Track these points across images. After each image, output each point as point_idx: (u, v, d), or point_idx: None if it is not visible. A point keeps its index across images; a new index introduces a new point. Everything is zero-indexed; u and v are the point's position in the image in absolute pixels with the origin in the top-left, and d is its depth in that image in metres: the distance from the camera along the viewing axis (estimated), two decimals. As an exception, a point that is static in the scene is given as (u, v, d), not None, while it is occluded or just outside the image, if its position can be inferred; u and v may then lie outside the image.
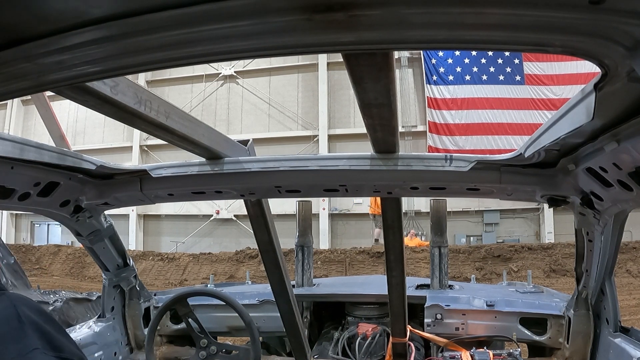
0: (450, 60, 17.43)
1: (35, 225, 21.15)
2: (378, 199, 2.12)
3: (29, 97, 12.93)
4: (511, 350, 2.83)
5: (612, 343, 2.13)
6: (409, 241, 14.86)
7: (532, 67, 16.96)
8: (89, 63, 0.84)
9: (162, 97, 1.36)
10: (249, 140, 2.01)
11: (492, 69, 17.08)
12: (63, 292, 4.99)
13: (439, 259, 3.63)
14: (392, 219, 2.13)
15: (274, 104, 19.09)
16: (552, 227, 16.30)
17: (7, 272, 3.42)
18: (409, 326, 2.91)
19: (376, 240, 15.86)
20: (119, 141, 19.98)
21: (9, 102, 18.38)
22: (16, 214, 20.50)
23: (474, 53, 16.21)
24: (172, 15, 0.71)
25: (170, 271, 14.95)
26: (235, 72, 19.42)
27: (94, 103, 1.14)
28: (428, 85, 17.55)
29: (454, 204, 15.66)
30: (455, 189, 1.89)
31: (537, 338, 2.86)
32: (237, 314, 2.65)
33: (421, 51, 16.71)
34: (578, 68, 15.95)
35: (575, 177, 1.66)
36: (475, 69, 17.19)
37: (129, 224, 19.15)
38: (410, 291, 3.10)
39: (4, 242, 3.72)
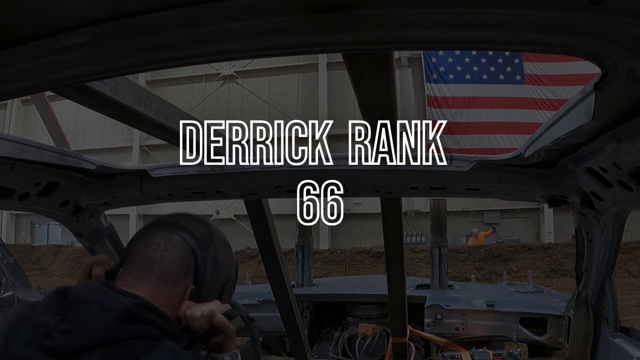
0: (450, 60, 17.42)
1: (35, 225, 21.15)
2: None
3: (29, 97, 12.92)
4: (511, 350, 2.84)
5: (612, 343, 2.12)
6: (476, 241, 14.69)
7: (532, 67, 16.96)
8: (89, 63, 0.84)
9: (162, 97, 1.36)
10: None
11: (492, 69, 17.09)
12: (63, 292, 4.99)
13: (439, 259, 3.63)
14: (392, 219, 2.13)
15: (274, 104, 19.08)
16: (552, 227, 16.31)
17: (7, 272, 3.44)
18: (409, 326, 2.91)
19: None
20: (119, 141, 19.98)
21: (9, 102, 18.37)
22: (16, 214, 20.49)
23: (474, 52, 16.21)
24: (172, 15, 0.71)
25: (170, 271, 14.92)
26: (235, 72, 19.42)
27: (94, 103, 1.14)
28: (428, 83, 17.54)
29: (454, 204, 15.66)
30: (455, 189, 1.88)
31: (537, 338, 2.86)
32: None
33: (421, 50, 16.70)
34: (578, 68, 15.94)
35: (575, 177, 1.65)
36: (475, 68, 17.20)
37: (129, 224, 19.13)
38: (410, 291, 3.10)
39: (4, 242, 3.72)
